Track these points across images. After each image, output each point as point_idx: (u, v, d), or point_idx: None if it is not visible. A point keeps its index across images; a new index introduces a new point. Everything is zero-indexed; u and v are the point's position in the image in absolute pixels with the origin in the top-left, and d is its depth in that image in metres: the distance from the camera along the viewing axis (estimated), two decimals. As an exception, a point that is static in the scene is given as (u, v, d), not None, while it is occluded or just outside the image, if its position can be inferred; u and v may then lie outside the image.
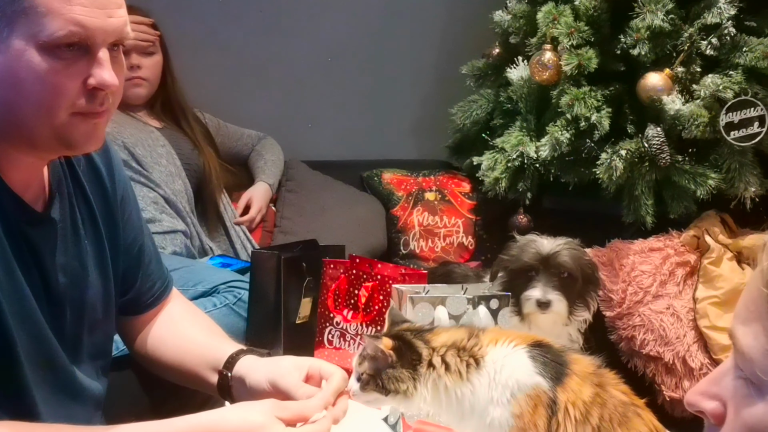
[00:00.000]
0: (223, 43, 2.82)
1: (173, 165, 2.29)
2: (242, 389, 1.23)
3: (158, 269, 1.37)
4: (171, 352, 1.33)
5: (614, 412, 1.09)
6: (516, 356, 1.14)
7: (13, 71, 1.00)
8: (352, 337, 1.69)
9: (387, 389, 1.15)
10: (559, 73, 2.15)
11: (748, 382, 0.69)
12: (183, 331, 1.36)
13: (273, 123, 2.82)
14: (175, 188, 2.26)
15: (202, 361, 1.30)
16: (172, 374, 1.34)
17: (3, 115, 1.03)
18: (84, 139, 1.07)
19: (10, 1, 0.98)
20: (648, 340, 1.94)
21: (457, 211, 2.69)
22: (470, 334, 1.17)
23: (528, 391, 1.10)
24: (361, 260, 1.72)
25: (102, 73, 1.03)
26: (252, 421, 1.05)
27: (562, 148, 2.12)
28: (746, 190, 2.01)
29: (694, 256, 1.98)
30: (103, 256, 1.23)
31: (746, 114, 1.94)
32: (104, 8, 1.02)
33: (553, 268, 1.68)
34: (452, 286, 1.58)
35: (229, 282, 1.92)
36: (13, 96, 1.02)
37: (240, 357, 1.26)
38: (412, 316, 1.47)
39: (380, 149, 2.96)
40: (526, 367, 1.12)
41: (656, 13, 2.02)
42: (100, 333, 1.25)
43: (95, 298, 1.21)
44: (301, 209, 2.59)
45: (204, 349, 1.31)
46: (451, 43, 2.94)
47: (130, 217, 1.30)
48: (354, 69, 2.94)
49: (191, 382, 1.32)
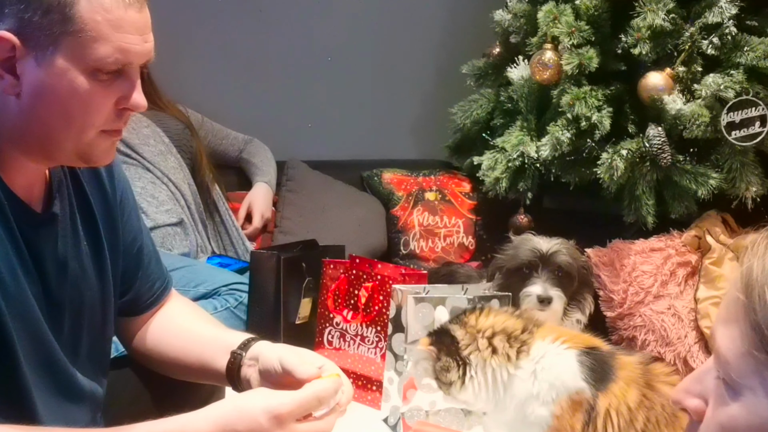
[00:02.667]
0: (223, 42, 2.81)
1: (162, 143, 2.27)
2: (251, 371, 1.23)
3: (158, 269, 1.37)
4: (173, 346, 1.33)
5: (662, 414, 1.09)
6: (565, 357, 1.14)
7: (54, 88, 1.03)
8: (351, 338, 1.68)
9: (442, 382, 1.17)
10: (560, 72, 2.14)
11: (724, 382, 0.70)
12: (186, 324, 1.36)
13: (273, 122, 2.82)
14: (168, 165, 2.24)
15: (209, 348, 1.29)
16: (174, 368, 1.34)
17: (29, 127, 1.05)
18: (104, 155, 1.12)
19: (60, 21, 1.00)
20: (649, 340, 1.93)
21: (458, 211, 2.69)
22: (526, 326, 1.18)
23: (571, 395, 1.11)
24: (361, 260, 1.72)
25: (137, 96, 1.09)
26: (246, 420, 1.05)
27: (563, 148, 2.11)
28: (747, 190, 2.00)
29: (696, 256, 1.98)
30: (101, 257, 1.23)
31: (747, 114, 1.93)
32: (143, 34, 1.07)
33: (551, 265, 1.68)
34: (452, 287, 1.58)
35: (231, 284, 1.91)
36: (47, 111, 1.05)
37: (255, 341, 1.26)
38: (412, 316, 1.47)
39: (380, 149, 2.95)
40: (573, 371, 1.13)
41: (657, 13, 2.01)
42: (99, 334, 1.24)
43: (94, 299, 1.21)
44: (301, 209, 2.58)
45: (211, 337, 1.32)
46: (451, 42, 2.93)
47: (130, 217, 1.30)
48: (354, 69, 2.93)
49: (194, 373, 1.32)
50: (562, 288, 1.68)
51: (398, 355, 1.50)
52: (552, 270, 1.68)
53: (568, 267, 1.69)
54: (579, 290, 1.74)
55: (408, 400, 1.48)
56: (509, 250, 1.76)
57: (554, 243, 1.72)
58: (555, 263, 1.69)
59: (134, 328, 1.36)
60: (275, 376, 1.18)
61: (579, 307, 1.74)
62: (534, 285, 1.67)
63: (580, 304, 1.74)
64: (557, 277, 1.69)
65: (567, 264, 1.69)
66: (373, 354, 1.65)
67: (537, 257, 1.69)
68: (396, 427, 1.50)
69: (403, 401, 1.49)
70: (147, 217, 2.09)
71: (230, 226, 2.38)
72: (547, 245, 1.71)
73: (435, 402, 1.49)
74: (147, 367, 1.38)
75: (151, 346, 1.35)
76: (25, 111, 1.04)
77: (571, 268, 1.70)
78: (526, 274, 1.69)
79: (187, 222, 2.22)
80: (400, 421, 1.49)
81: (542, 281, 1.67)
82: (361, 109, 2.96)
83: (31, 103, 1.03)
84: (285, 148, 2.74)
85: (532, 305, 1.66)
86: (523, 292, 1.67)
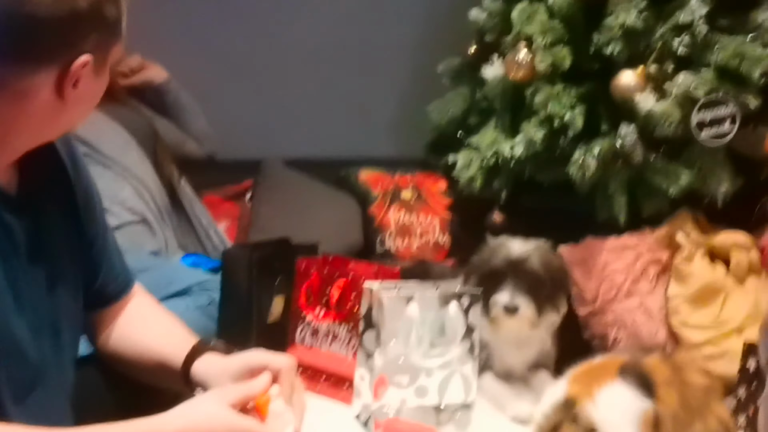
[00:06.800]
0: (197, 38, 2.80)
1: (120, 136, 2.21)
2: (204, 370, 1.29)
3: (120, 263, 1.39)
4: (133, 348, 1.34)
5: (695, 404, 1.11)
6: (613, 387, 1.17)
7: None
8: (324, 336, 1.68)
9: None
10: (534, 71, 2.15)
11: None
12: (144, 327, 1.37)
13: (249, 120, 2.81)
14: (130, 159, 2.17)
15: (168, 346, 1.33)
16: (135, 370, 1.35)
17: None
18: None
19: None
20: (621, 337, 1.94)
21: (434, 210, 2.70)
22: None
23: (643, 417, 1.13)
24: (333, 258, 1.72)
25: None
26: (202, 415, 1.10)
27: (537, 147, 2.12)
28: (718, 189, 2.02)
29: (667, 253, 1.99)
30: (72, 245, 1.24)
31: (717, 113, 1.95)
32: None
33: (521, 273, 1.67)
34: (424, 284, 1.58)
35: (202, 283, 1.90)
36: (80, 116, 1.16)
37: (197, 357, 1.30)
38: (383, 313, 1.47)
39: (357, 147, 2.95)
40: (629, 393, 1.15)
41: (630, 12, 2.02)
42: (71, 322, 1.26)
43: (66, 285, 1.22)
44: (276, 207, 2.58)
45: (171, 336, 1.35)
46: (428, 41, 2.93)
47: (94, 209, 1.32)
48: (331, 67, 2.93)
49: (154, 378, 1.33)
50: (533, 294, 1.67)
51: (370, 353, 1.50)
52: (522, 277, 1.67)
53: (538, 273, 1.68)
54: (553, 292, 1.73)
55: (379, 397, 1.49)
56: (484, 253, 1.76)
57: (527, 248, 1.71)
58: (525, 270, 1.68)
59: (100, 324, 1.37)
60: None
61: (553, 309, 1.74)
62: (501, 293, 1.66)
63: (554, 306, 1.74)
64: (528, 283, 1.68)
65: (537, 270, 1.68)
66: (345, 352, 1.65)
67: (507, 264, 1.68)
68: (367, 424, 1.50)
69: (374, 398, 1.49)
70: (111, 216, 2.05)
71: (198, 223, 2.35)
72: (519, 251, 1.70)
73: (406, 399, 1.49)
74: (114, 367, 1.38)
75: (114, 347, 1.36)
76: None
77: (541, 274, 1.68)
78: (496, 281, 1.68)
79: (151, 219, 2.17)
80: (371, 418, 1.50)
81: (510, 289, 1.66)
82: (338, 108, 2.96)
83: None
84: (261, 146, 2.74)
85: (499, 313, 1.66)
86: (491, 300, 1.67)
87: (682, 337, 1.90)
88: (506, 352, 1.74)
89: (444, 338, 1.51)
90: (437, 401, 1.51)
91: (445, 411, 1.52)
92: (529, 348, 1.74)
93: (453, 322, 1.51)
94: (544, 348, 1.76)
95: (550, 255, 1.76)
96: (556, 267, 1.75)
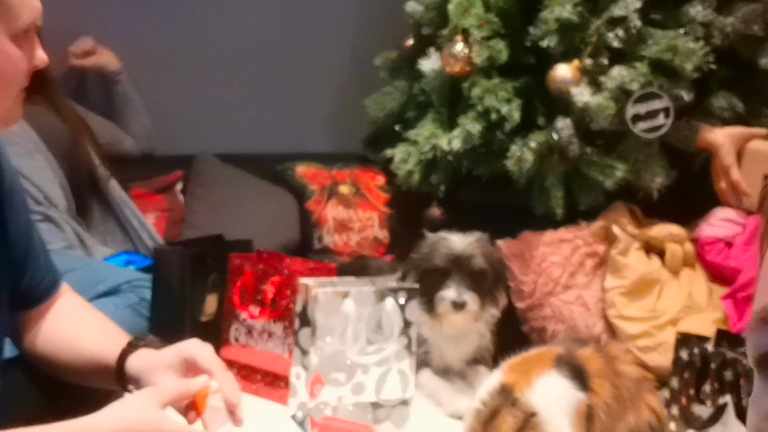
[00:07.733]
0: (129, 33, 2.73)
1: (30, 141, 2.08)
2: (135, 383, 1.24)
3: (47, 262, 1.33)
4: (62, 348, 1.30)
5: (628, 394, 1.11)
6: (549, 379, 1.21)
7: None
8: (258, 334, 1.65)
9: None
10: (471, 64, 2.14)
11: None
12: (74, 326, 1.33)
13: (182, 114, 2.75)
14: (33, 167, 2.04)
15: (96, 354, 1.28)
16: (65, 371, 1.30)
17: None
18: (18, 113, 1.21)
19: None
20: (559, 330, 1.95)
21: (372, 205, 2.67)
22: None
23: (576, 409, 1.17)
24: (268, 255, 1.68)
25: (41, 52, 1.19)
26: (131, 416, 1.07)
27: (474, 141, 2.11)
28: (652, 181, 2.04)
29: (603, 246, 2.00)
30: None
31: (652, 106, 1.97)
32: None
33: (466, 268, 1.68)
34: (360, 279, 1.56)
35: (132, 281, 1.84)
36: None
37: (131, 353, 1.27)
38: (318, 310, 1.44)
39: (294, 142, 2.91)
40: (565, 385, 1.20)
41: (564, 6, 2.03)
42: None
43: None
44: (210, 204, 2.52)
45: (101, 334, 1.31)
46: (365, 34, 2.91)
47: (19, 207, 1.26)
48: (266, 60, 2.88)
49: (85, 378, 1.29)
50: (477, 289, 1.68)
51: (305, 350, 1.47)
52: (466, 272, 1.68)
53: (482, 268, 1.69)
54: (493, 285, 1.74)
55: (315, 395, 1.46)
56: (424, 249, 1.75)
57: (468, 243, 1.71)
58: (469, 266, 1.69)
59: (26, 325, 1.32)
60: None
61: (493, 302, 1.75)
62: (448, 289, 1.66)
63: (494, 299, 1.75)
64: (472, 277, 1.68)
65: (481, 265, 1.69)
66: (280, 350, 1.62)
67: (451, 260, 1.68)
68: (304, 423, 1.48)
69: (310, 397, 1.46)
70: None
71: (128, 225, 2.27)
72: (462, 246, 1.70)
73: (342, 396, 1.47)
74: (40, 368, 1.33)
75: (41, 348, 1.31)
76: None
77: (485, 268, 1.70)
78: (440, 277, 1.68)
79: (54, 215, 2.07)
80: (307, 417, 1.47)
81: (456, 284, 1.66)
82: (274, 102, 2.91)
83: None
84: (195, 142, 2.68)
85: (447, 309, 1.65)
86: (437, 296, 1.67)
87: (618, 329, 1.91)
88: (445, 348, 1.73)
89: (381, 334, 1.49)
90: (374, 398, 1.49)
91: (382, 408, 1.50)
92: (468, 343, 1.74)
93: (390, 317, 1.49)
94: (483, 343, 1.76)
95: (491, 249, 1.77)
96: (496, 260, 1.76)
